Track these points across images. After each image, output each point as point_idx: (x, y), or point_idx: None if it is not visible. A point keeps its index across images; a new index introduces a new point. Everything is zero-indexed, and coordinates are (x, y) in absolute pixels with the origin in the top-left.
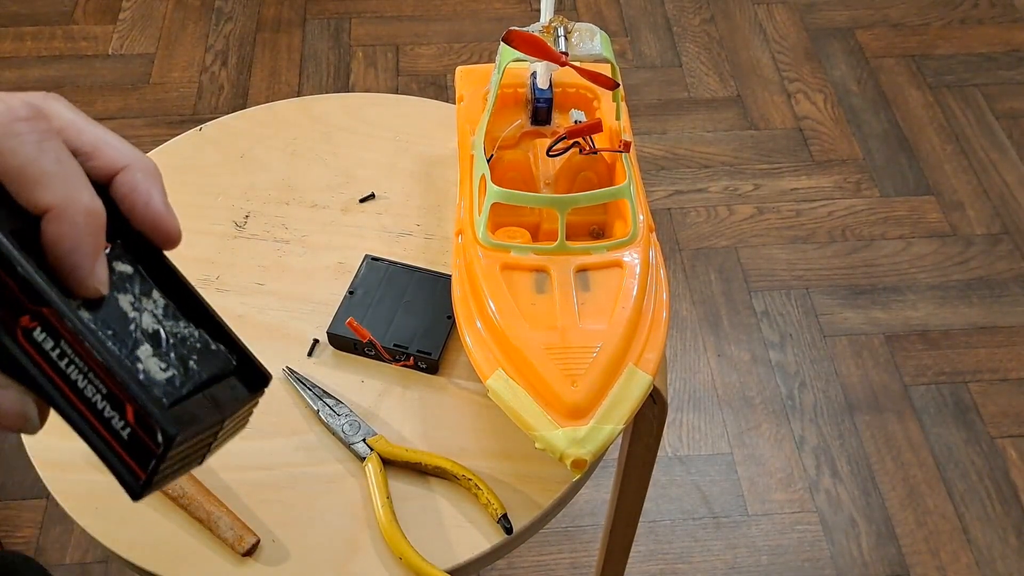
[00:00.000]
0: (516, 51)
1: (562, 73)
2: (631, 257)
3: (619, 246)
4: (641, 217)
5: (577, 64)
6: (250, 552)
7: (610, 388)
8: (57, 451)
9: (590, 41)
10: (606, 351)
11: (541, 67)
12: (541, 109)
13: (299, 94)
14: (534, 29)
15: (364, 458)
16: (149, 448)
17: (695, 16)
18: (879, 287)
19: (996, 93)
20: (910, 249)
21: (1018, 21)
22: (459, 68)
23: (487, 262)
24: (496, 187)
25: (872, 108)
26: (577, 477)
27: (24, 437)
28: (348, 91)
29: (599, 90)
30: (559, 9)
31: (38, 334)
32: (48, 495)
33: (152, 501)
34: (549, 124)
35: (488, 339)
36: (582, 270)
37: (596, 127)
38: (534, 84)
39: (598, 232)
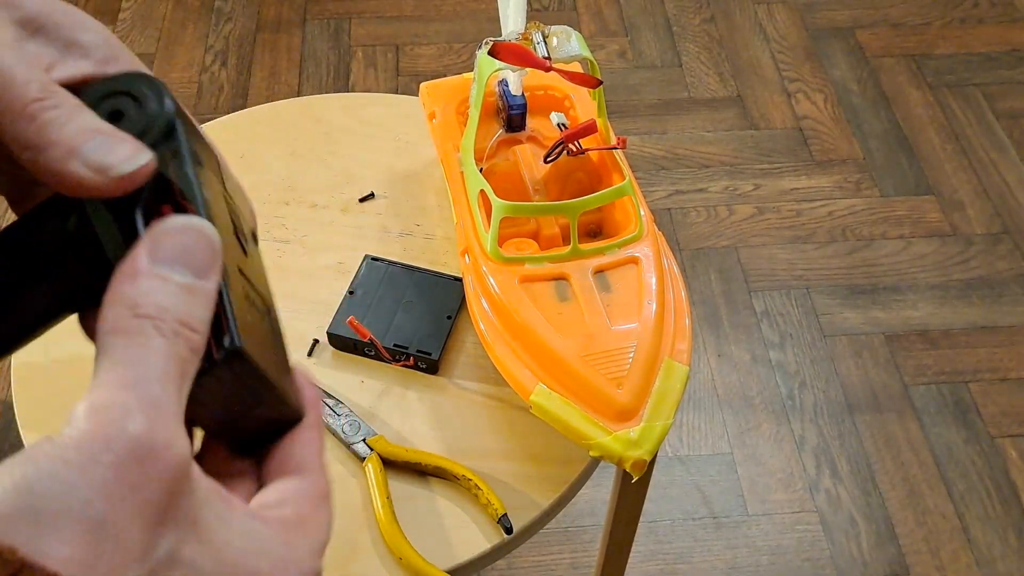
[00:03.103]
0: (498, 61)
1: (530, 77)
2: (644, 252)
3: (629, 242)
4: (643, 212)
5: (560, 67)
6: None
7: (652, 385)
8: None
9: (568, 43)
10: (642, 349)
11: (513, 75)
12: (516, 116)
13: (299, 94)
14: (511, 37)
15: (364, 458)
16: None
17: (695, 16)
18: (879, 287)
19: (996, 93)
20: (910, 249)
21: (1018, 21)
22: (423, 84)
23: (503, 278)
24: (501, 201)
25: (872, 108)
26: (636, 477)
27: (24, 437)
28: (348, 91)
29: (569, 90)
30: (560, 9)
31: None
32: None
33: None
34: (524, 130)
35: (523, 355)
36: (599, 271)
37: (591, 128)
38: (505, 92)
39: (595, 231)
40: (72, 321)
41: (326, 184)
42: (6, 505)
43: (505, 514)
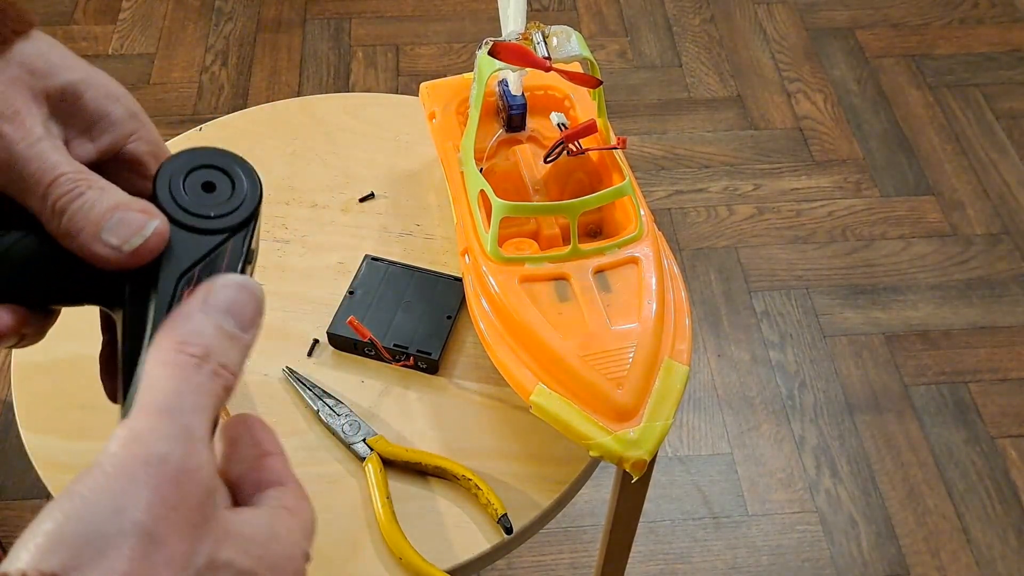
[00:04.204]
0: (499, 62)
1: (530, 77)
2: (644, 252)
3: (629, 242)
4: (642, 211)
5: (560, 67)
6: None
7: (652, 385)
8: (57, 452)
9: (568, 43)
10: (642, 349)
11: (513, 75)
12: (516, 116)
13: (299, 94)
14: (511, 37)
15: (364, 458)
16: None
17: (695, 16)
18: (879, 287)
19: (996, 93)
20: (910, 249)
21: (1018, 21)
22: (423, 84)
23: (504, 278)
24: (502, 201)
25: (872, 108)
26: (636, 477)
27: (24, 437)
28: (348, 91)
29: (569, 90)
30: (560, 9)
31: None
32: (48, 495)
33: None
34: (524, 130)
35: (523, 355)
36: (599, 271)
37: (591, 128)
38: (505, 92)
39: (595, 231)
40: (72, 322)
41: (326, 184)
42: (63, 535)
43: (505, 514)
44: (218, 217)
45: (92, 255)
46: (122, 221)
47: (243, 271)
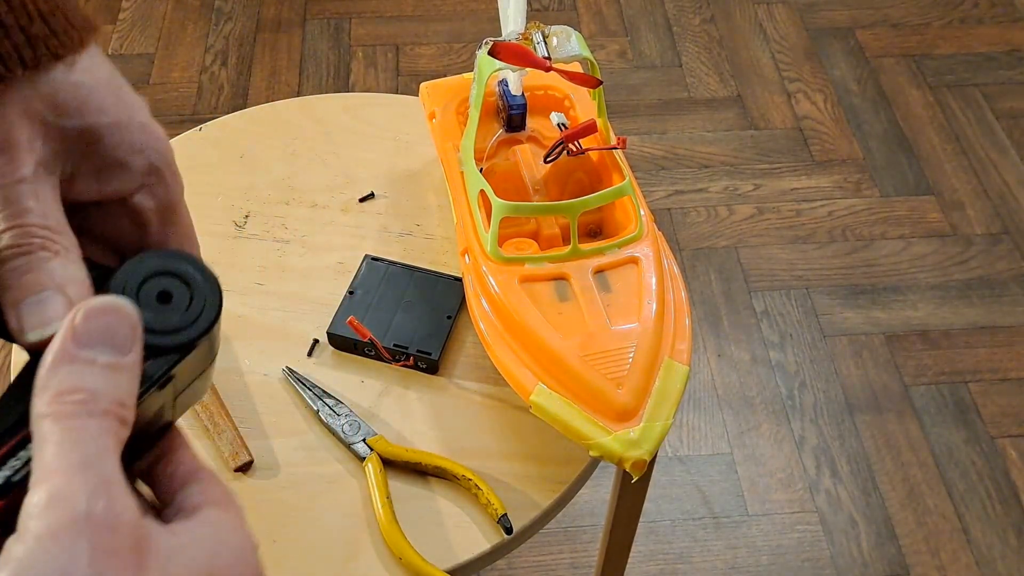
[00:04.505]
0: (499, 62)
1: (530, 77)
2: (644, 252)
3: (629, 242)
4: (642, 212)
5: (560, 67)
6: (243, 469)
7: (652, 385)
8: None
9: (568, 43)
10: (642, 349)
11: (513, 75)
12: (516, 116)
13: (299, 94)
14: (511, 37)
15: (364, 458)
16: None
17: (695, 16)
18: (879, 287)
19: (996, 93)
20: (910, 249)
21: (1018, 21)
22: (423, 84)
23: (504, 278)
24: (502, 201)
25: (872, 108)
26: (636, 477)
27: None
28: (348, 91)
29: (569, 90)
30: (560, 9)
31: None
32: None
33: None
34: (524, 130)
35: (523, 355)
36: (599, 271)
37: (591, 128)
38: (506, 92)
39: (595, 231)
40: None
41: (326, 184)
42: None
43: (505, 514)
44: (162, 333)
45: (4, 319)
46: (41, 304)
47: (163, 387)
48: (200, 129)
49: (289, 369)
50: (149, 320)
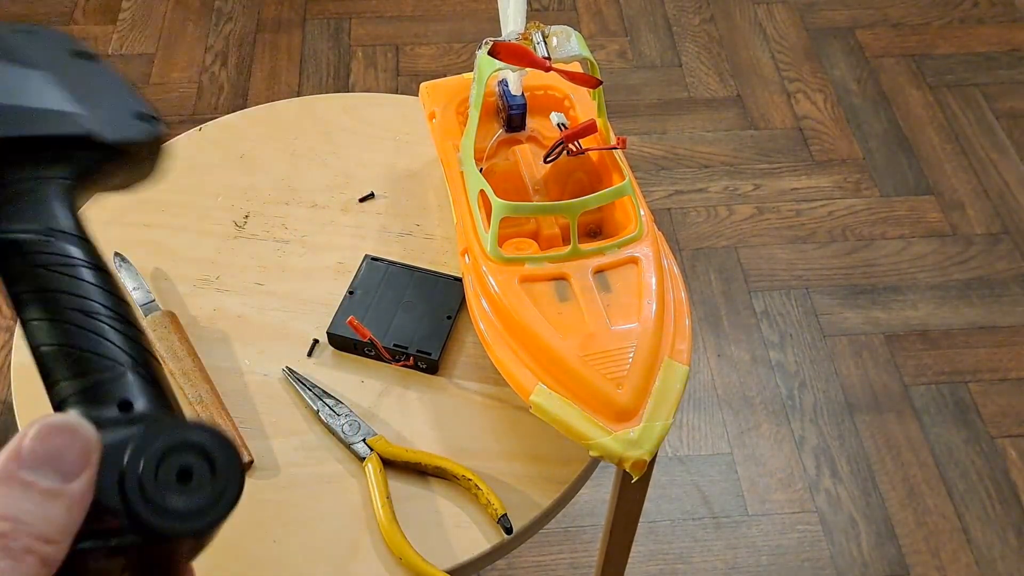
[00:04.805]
0: (499, 62)
1: (530, 77)
2: (643, 252)
3: (629, 242)
4: (642, 212)
5: (560, 67)
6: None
7: (652, 385)
8: None
9: (568, 43)
10: (642, 349)
11: (513, 75)
12: (516, 116)
13: (299, 94)
14: (511, 37)
15: (364, 458)
16: None
17: (695, 16)
18: (879, 287)
19: (996, 93)
20: (910, 249)
21: (1018, 21)
22: (423, 84)
23: (503, 278)
24: (501, 201)
25: (872, 108)
26: (636, 477)
27: None
28: (348, 91)
29: (569, 90)
30: (560, 9)
31: None
32: None
33: None
34: (524, 130)
35: (523, 355)
36: (599, 271)
37: (591, 128)
38: (505, 91)
39: (595, 231)
40: None
41: (326, 184)
42: None
43: (505, 514)
44: (174, 516)
45: None
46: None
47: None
48: (200, 129)
49: (289, 369)
50: (171, 498)
